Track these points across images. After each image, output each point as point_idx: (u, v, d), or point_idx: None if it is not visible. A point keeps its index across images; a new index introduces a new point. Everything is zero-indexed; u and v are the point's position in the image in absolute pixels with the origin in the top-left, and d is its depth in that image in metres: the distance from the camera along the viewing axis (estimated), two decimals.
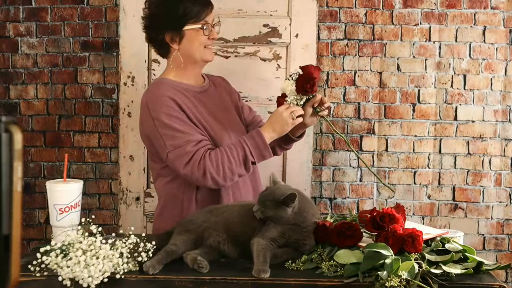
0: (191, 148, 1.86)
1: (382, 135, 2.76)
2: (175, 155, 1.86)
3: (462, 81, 2.74)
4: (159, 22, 1.97)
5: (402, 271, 1.43)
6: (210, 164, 1.84)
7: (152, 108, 1.91)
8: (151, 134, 1.93)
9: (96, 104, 2.76)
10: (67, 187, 1.71)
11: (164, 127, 1.88)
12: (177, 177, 1.97)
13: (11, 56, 2.75)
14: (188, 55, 1.99)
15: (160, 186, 2.05)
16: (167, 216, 1.98)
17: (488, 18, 2.71)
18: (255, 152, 1.90)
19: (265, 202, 1.61)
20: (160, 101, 1.91)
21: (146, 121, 1.94)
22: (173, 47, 1.98)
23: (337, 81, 2.75)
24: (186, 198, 1.97)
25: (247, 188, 2.04)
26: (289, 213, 1.60)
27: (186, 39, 1.97)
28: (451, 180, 2.75)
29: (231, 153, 1.87)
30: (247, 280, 1.48)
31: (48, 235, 2.75)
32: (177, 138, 1.87)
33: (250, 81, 2.64)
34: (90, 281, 1.42)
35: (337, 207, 2.77)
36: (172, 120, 1.89)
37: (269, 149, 1.93)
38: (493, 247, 2.77)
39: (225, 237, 1.63)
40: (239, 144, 1.90)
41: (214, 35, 2.01)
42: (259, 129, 1.94)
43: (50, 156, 2.77)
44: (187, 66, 2.01)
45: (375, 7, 2.72)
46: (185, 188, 1.96)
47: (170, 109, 1.90)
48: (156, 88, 1.96)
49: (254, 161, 1.90)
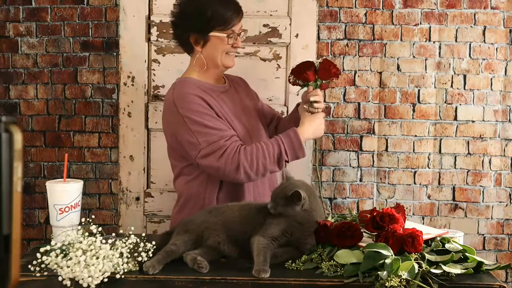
0: (224, 142, 1.87)
1: (382, 135, 2.76)
2: (208, 151, 1.87)
3: (462, 81, 2.74)
4: (186, 21, 1.98)
5: (402, 271, 1.43)
6: (244, 158, 1.86)
7: (180, 106, 1.91)
8: (179, 132, 1.93)
9: (96, 104, 2.76)
10: (67, 187, 1.71)
11: (195, 124, 1.89)
12: (200, 175, 1.98)
13: (11, 56, 2.75)
14: (210, 59, 2.01)
15: (181, 185, 2.05)
16: (187, 214, 1.98)
17: (488, 18, 2.71)
18: (290, 151, 1.92)
19: (276, 199, 1.62)
20: (188, 98, 1.92)
21: (173, 119, 1.94)
22: (197, 49, 2.00)
23: (337, 81, 2.74)
24: (208, 196, 1.98)
25: (265, 187, 2.06)
26: (297, 210, 1.60)
27: (210, 44, 1.98)
28: (451, 180, 2.75)
29: (267, 148, 1.90)
30: (247, 280, 1.48)
31: (48, 235, 2.75)
32: (210, 134, 1.88)
33: (250, 81, 2.63)
34: (90, 281, 1.42)
35: (337, 207, 2.77)
36: (203, 117, 1.90)
37: (303, 149, 1.95)
38: (493, 247, 2.77)
39: (225, 237, 1.63)
40: (275, 141, 1.93)
41: (239, 44, 2.02)
42: (295, 129, 1.97)
43: (50, 156, 2.77)
44: (208, 68, 2.03)
45: (375, 7, 2.72)
46: (208, 186, 1.98)
47: (199, 107, 1.91)
48: (182, 86, 1.97)
49: (287, 159, 1.93)
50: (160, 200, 2.69)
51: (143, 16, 2.63)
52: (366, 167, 2.76)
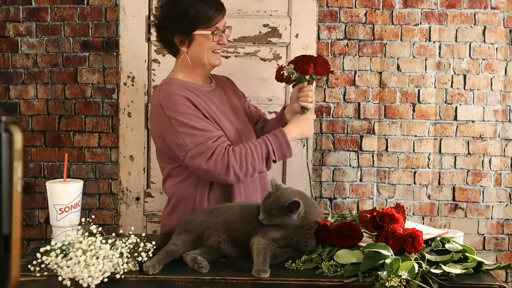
0: (212, 143, 1.87)
1: (382, 135, 2.76)
2: (196, 152, 1.86)
3: (462, 81, 2.74)
4: (169, 23, 1.97)
5: (402, 271, 1.43)
6: (234, 159, 1.86)
7: (166, 108, 1.91)
8: (166, 134, 1.92)
9: (96, 104, 2.76)
10: (67, 187, 1.71)
11: (182, 126, 1.88)
12: (189, 176, 1.97)
13: (11, 56, 2.75)
14: (196, 59, 2.00)
15: (170, 186, 2.04)
16: (177, 216, 1.98)
17: (488, 18, 2.71)
18: (277, 151, 1.93)
19: (270, 212, 1.59)
20: (174, 100, 1.91)
21: (160, 120, 1.94)
22: (182, 50, 1.99)
23: (337, 81, 2.74)
24: (198, 197, 1.97)
25: (256, 187, 2.06)
26: (295, 219, 1.59)
27: (196, 43, 1.98)
28: (451, 180, 2.75)
29: (255, 149, 1.90)
30: (247, 280, 1.48)
31: (48, 235, 2.75)
32: (197, 136, 1.87)
33: (250, 81, 2.64)
34: (90, 281, 1.42)
35: (337, 207, 2.77)
36: (189, 118, 1.89)
37: (291, 149, 1.96)
38: (493, 247, 2.77)
39: (225, 237, 1.63)
40: (263, 141, 1.93)
41: (224, 40, 2.02)
42: (282, 129, 1.97)
43: (50, 156, 2.77)
44: (195, 68, 2.02)
45: (375, 7, 2.72)
46: (198, 187, 1.97)
47: (186, 108, 1.90)
48: (168, 88, 1.96)
49: (275, 159, 1.93)
50: (160, 200, 2.68)
51: (143, 16, 2.63)
52: (366, 167, 2.76)
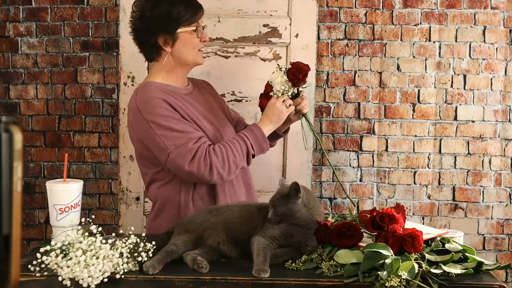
0: (193, 145, 1.86)
1: (382, 135, 2.76)
2: (176, 154, 1.85)
3: (462, 81, 2.74)
4: (152, 25, 1.95)
5: (402, 271, 1.43)
6: (216, 159, 1.86)
7: (144, 112, 1.89)
8: (146, 138, 1.91)
9: (96, 104, 2.76)
10: (67, 187, 1.71)
11: (161, 129, 1.87)
12: (173, 178, 1.96)
13: (11, 56, 2.75)
14: (180, 58, 1.99)
15: (154, 190, 2.03)
16: (163, 219, 1.98)
17: (488, 18, 2.71)
18: (255, 145, 1.95)
19: (274, 202, 1.62)
20: (152, 103, 1.90)
21: (138, 125, 1.92)
22: (166, 50, 1.98)
23: (337, 81, 2.75)
24: (183, 199, 1.96)
25: (240, 185, 2.06)
26: (299, 204, 1.60)
27: (180, 41, 1.97)
28: (451, 180, 2.75)
29: (235, 146, 1.91)
30: (247, 280, 1.48)
31: (48, 235, 2.75)
32: (177, 138, 1.86)
33: (250, 81, 2.64)
34: (90, 281, 1.42)
35: (337, 207, 2.77)
36: (168, 120, 1.88)
37: (267, 141, 1.99)
38: (493, 247, 2.77)
39: (225, 237, 1.63)
40: (240, 137, 1.94)
41: (206, 37, 2.03)
42: (256, 123, 2.01)
43: (50, 156, 2.77)
44: (176, 69, 2.01)
45: (375, 7, 2.72)
46: (182, 188, 1.96)
47: (164, 110, 1.89)
48: (144, 91, 1.94)
49: (254, 153, 1.96)
50: None
51: None
52: (366, 167, 2.76)
